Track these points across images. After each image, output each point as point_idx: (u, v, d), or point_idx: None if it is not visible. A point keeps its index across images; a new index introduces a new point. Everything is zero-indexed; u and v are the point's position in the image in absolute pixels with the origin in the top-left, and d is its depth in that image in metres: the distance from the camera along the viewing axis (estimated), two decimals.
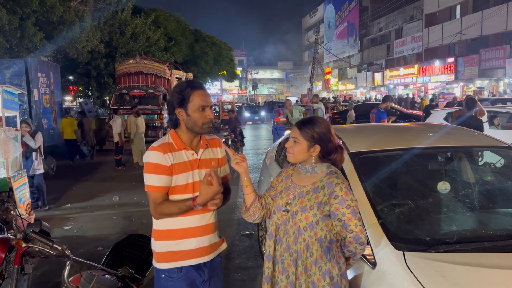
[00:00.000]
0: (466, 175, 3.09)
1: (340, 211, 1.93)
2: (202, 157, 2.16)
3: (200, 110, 2.06)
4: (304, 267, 1.96)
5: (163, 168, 2.05)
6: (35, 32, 12.38)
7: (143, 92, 15.23)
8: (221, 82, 57.21)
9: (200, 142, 2.18)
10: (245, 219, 2.21)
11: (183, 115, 2.08)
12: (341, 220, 1.94)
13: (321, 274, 1.94)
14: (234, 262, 4.48)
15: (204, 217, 2.13)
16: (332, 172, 2.04)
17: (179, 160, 2.09)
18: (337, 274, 1.95)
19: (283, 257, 2.03)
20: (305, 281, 1.96)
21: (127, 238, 3.05)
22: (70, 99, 24.91)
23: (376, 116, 7.52)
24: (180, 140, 2.12)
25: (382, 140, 3.17)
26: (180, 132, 2.14)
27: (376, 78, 40.74)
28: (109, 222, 6.22)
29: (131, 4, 19.91)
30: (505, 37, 25.17)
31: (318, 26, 54.53)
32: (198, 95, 2.06)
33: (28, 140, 6.59)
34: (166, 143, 2.11)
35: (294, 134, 2.08)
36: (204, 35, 28.83)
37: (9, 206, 3.21)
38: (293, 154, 2.08)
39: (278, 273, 2.05)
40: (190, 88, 2.07)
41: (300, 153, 2.06)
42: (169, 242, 2.10)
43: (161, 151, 2.06)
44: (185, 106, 2.06)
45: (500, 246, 2.15)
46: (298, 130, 2.07)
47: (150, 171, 2.06)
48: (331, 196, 1.95)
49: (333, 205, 1.95)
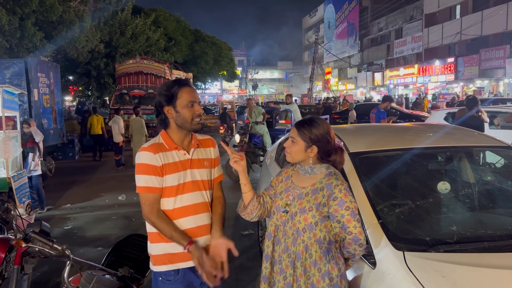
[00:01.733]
0: (466, 175, 3.09)
1: (339, 213, 1.93)
2: (194, 157, 2.15)
3: (189, 106, 2.06)
4: (303, 268, 1.96)
5: (154, 168, 2.04)
6: (35, 32, 12.38)
7: (143, 92, 15.26)
8: (221, 82, 57.22)
9: (191, 141, 2.18)
10: (242, 217, 2.21)
11: (172, 113, 2.08)
12: (340, 222, 1.93)
13: (321, 275, 1.93)
14: (234, 262, 4.48)
15: (198, 218, 2.11)
16: (331, 173, 2.03)
17: (170, 160, 2.08)
18: (337, 275, 1.95)
19: (281, 258, 2.02)
20: (305, 283, 1.95)
21: (127, 238, 3.05)
22: (70, 99, 24.91)
23: (376, 116, 7.52)
24: (171, 140, 2.12)
25: (382, 140, 3.16)
26: (171, 131, 2.13)
27: (376, 78, 40.74)
28: (109, 222, 6.22)
29: (131, 4, 19.93)
30: (505, 37, 25.18)
31: (318, 26, 54.54)
32: (186, 91, 2.07)
33: (35, 133, 6.52)
34: (157, 143, 2.10)
35: (292, 134, 2.08)
36: (204, 35, 28.85)
37: (9, 206, 3.20)
38: (290, 154, 2.08)
39: (276, 274, 2.04)
40: (177, 85, 2.08)
41: (298, 153, 2.05)
42: (164, 244, 2.08)
43: (151, 151, 2.05)
44: (173, 103, 2.06)
45: (500, 246, 2.14)
46: (296, 130, 2.07)
47: (141, 172, 2.05)
48: (330, 197, 1.95)
49: (332, 207, 1.94)
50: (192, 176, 2.11)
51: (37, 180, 6.66)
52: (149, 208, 2.05)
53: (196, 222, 2.11)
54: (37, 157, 6.64)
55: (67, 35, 13.99)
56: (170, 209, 2.08)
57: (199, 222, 2.11)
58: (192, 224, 2.10)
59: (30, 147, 6.57)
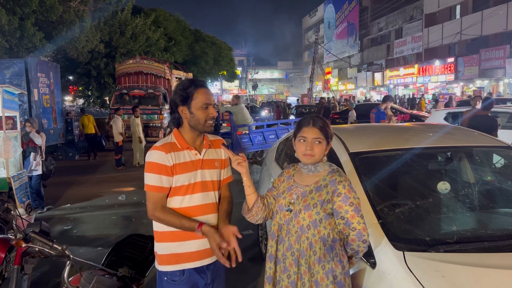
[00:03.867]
0: (466, 175, 3.09)
1: (343, 209, 1.94)
2: (205, 157, 2.15)
3: (204, 108, 2.05)
4: (307, 265, 1.96)
5: (164, 168, 2.03)
6: (35, 32, 12.38)
7: (143, 92, 15.24)
8: (221, 82, 57.19)
9: (203, 142, 2.17)
10: (247, 219, 2.20)
11: (186, 113, 2.07)
12: (344, 218, 1.94)
13: (325, 273, 1.93)
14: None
15: (204, 219, 2.10)
16: (334, 170, 2.05)
17: (182, 160, 2.07)
18: (340, 273, 1.95)
19: (285, 256, 2.02)
20: (309, 280, 1.95)
21: (127, 238, 3.05)
22: (70, 99, 24.91)
23: (375, 116, 7.53)
24: (183, 139, 2.11)
25: (382, 140, 3.16)
26: (183, 131, 2.13)
27: (376, 78, 40.75)
28: (109, 222, 6.22)
29: (131, 4, 19.93)
30: (505, 37, 25.18)
31: (318, 26, 54.52)
32: (201, 93, 2.06)
33: (34, 137, 6.53)
34: (169, 143, 2.09)
35: (314, 135, 2.01)
36: (204, 35, 28.83)
37: (9, 206, 3.21)
38: (315, 156, 2.02)
39: (280, 273, 2.04)
40: (193, 86, 2.07)
41: (322, 153, 2.04)
42: (170, 244, 2.08)
43: (163, 151, 2.05)
44: (188, 104, 2.05)
45: (500, 246, 2.14)
46: (318, 130, 2.02)
47: (151, 171, 2.04)
48: (334, 193, 1.96)
49: (336, 203, 1.95)
50: (202, 177, 2.11)
51: (36, 179, 6.66)
52: (153, 205, 2.05)
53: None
54: (38, 156, 6.65)
55: (67, 35, 13.99)
56: (177, 207, 2.08)
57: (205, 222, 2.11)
58: None
59: (32, 146, 6.59)
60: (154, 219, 2.08)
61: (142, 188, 2.14)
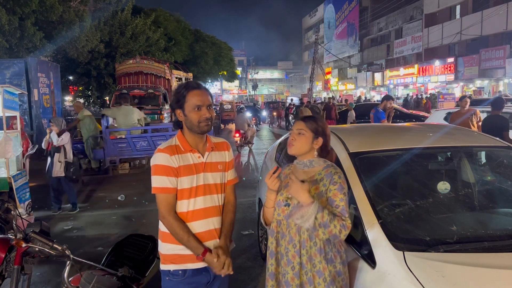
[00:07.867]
0: (466, 175, 3.09)
1: (338, 197, 2.00)
2: (208, 160, 2.16)
3: (196, 109, 2.07)
4: (308, 256, 2.01)
5: (171, 169, 2.05)
6: (35, 32, 12.38)
7: (143, 92, 15.22)
8: (221, 82, 57.23)
9: (206, 144, 2.19)
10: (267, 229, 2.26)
11: (181, 116, 2.11)
12: (339, 206, 1.99)
13: (326, 263, 1.99)
14: (234, 262, 4.48)
15: (208, 223, 2.12)
16: (329, 165, 2.12)
17: (185, 162, 2.09)
18: (339, 262, 2.03)
19: (287, 250, 2.06)
20: (311, 270, 2.00)
21: (127, 238, 3.05)
22: (70, 99, 24.90)
23: (374, 116, 7.51)
24: (186, 142, 2.13)
25: (382, 140, 3.16)
26: (186, 133, 2.15)
27: (376, 78, 40.75)
28: (109, 222, 6.21)
29: (131, 4, 19.90)
30: (505, 37, 25.19)
31: (318, 26, 54.58)
32: (193, 95, 2.08)
33: (53, 137, 6.51)
34: (173, 145, 2.11)
35: (298, 126, 2.14)
36: (204, 35, 28.80)
37: (9, 206, 3.21)
38: (295, 146, 2.13)
39: (284, 266, 2.07)
40: (185, 89, 2.10)
41: (304, 145, 2.11)
42: (175, 246, 2.09)
43: (168, 153, 2.07)
44: (182, 106, 2.09)
45: (500, 246, 2.14)
46: (303, 122, 2.14)
47: (157, 173, 2.06)
48: (331, 182, 2.03)
49: (332, 191, 2.01)
50: (205, 180, 2.13)
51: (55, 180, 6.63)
52: (166, 208, 2.06)
53: (205, 226, 2.12)
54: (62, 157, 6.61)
55: (67, 35, 13.98)
56: (185, 211, 2.09)
57: (209, 226, 2.13)
58: (202, 228, 2.10)
59: (54, 146, 6.57)
60: (164, 222, 2.08)
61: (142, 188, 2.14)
